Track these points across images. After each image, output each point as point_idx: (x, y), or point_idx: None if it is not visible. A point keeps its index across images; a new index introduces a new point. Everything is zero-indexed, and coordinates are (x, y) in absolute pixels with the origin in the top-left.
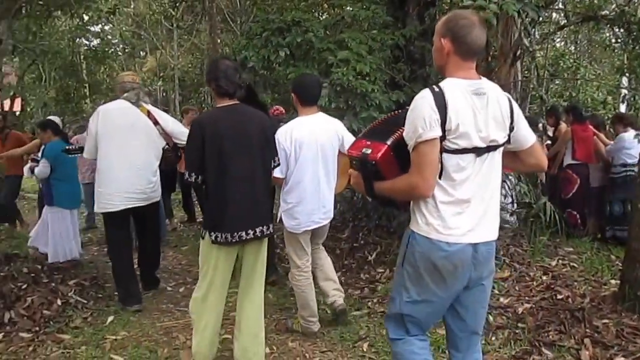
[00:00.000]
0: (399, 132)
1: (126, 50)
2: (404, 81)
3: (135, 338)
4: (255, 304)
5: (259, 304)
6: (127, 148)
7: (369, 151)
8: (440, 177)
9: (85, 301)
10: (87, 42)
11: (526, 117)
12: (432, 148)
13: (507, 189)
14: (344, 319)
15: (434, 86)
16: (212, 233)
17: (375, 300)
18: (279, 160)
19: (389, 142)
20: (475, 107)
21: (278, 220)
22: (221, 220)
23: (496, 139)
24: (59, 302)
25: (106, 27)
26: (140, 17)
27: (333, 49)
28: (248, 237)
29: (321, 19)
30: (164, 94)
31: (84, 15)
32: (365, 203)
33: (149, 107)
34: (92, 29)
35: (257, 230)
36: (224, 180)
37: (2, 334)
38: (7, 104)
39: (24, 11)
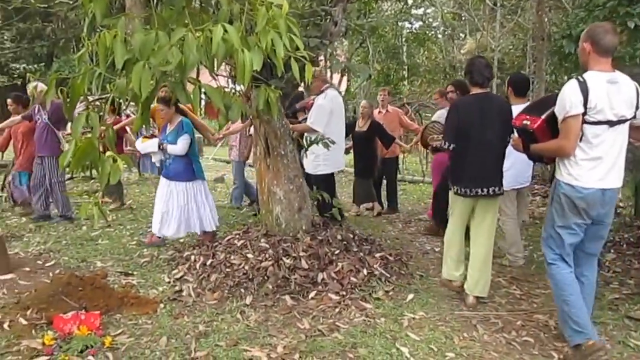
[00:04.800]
0: (551, 109)
1: (446, 33)
2: None
3: (432, 320)
4: (482, 247)
5: (486, 249)
6: (343, 125)
7: (528, 122)
8: (581, 141)
9: (388, 275)
10: (409, 25)
11: None
12: (576, 121)
13: None
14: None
15: (579, 77)
16: (455, 186)
17: None
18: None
19: (543, 116)
20: (609, 92)
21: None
22: (462, 178)
23: (625, 115)
24: (365, 271)
25: (428, 10)
26: None
27: None
28: (482, 193)
29: None
30: None
31: None
32: None
33: None
34: (415, 12)
35: (490, 189)
36: (467, 149)
37: (315, 292)
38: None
39: None
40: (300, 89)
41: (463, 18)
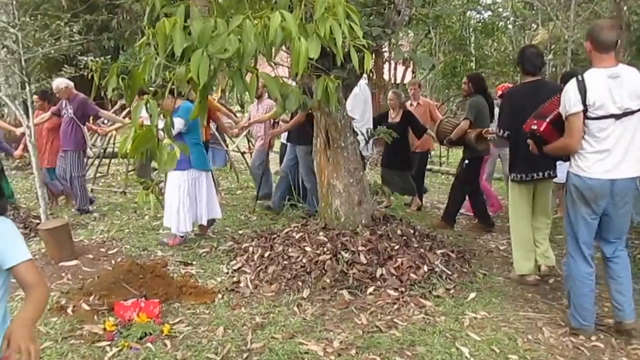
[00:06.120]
0: (556, 111)
1: (516, 23)
2: None
3: (494, 321)
4: (544, 224)
5: (547, 224)
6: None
7: (536, 127)
8: (587, 135)
9: (449, 272)
10: (477, 15)
11: None
12: (576, 118)
13: None
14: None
15: (578, 76)
16: (512, 174)
17: None
18: None
19: (547, 120)
20: (610, 87)
21: None
22: (518, 164)
23: (630, 107)
24: (425, 268)
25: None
26: None
27: None
28: (538, 177)
29: None
30: (553, 69)
31: None
32: None
33: None
34: (483, 1)
35: (546, 172)
36: (522, 135)
37: (373, 287)
38: (399, 76)
39: None
40: None
41: (535, 7)
